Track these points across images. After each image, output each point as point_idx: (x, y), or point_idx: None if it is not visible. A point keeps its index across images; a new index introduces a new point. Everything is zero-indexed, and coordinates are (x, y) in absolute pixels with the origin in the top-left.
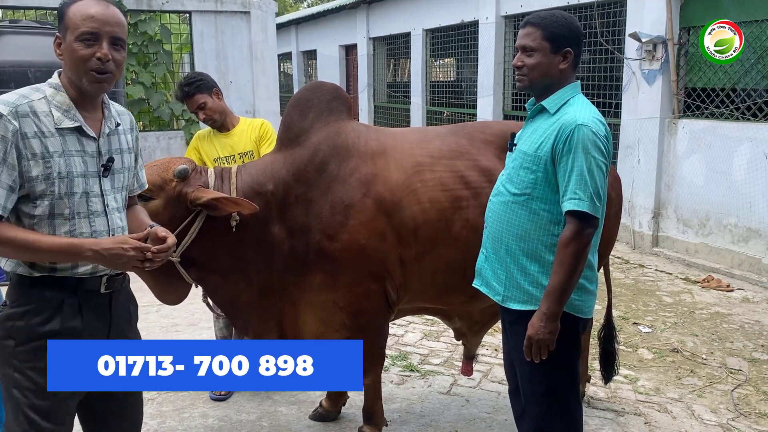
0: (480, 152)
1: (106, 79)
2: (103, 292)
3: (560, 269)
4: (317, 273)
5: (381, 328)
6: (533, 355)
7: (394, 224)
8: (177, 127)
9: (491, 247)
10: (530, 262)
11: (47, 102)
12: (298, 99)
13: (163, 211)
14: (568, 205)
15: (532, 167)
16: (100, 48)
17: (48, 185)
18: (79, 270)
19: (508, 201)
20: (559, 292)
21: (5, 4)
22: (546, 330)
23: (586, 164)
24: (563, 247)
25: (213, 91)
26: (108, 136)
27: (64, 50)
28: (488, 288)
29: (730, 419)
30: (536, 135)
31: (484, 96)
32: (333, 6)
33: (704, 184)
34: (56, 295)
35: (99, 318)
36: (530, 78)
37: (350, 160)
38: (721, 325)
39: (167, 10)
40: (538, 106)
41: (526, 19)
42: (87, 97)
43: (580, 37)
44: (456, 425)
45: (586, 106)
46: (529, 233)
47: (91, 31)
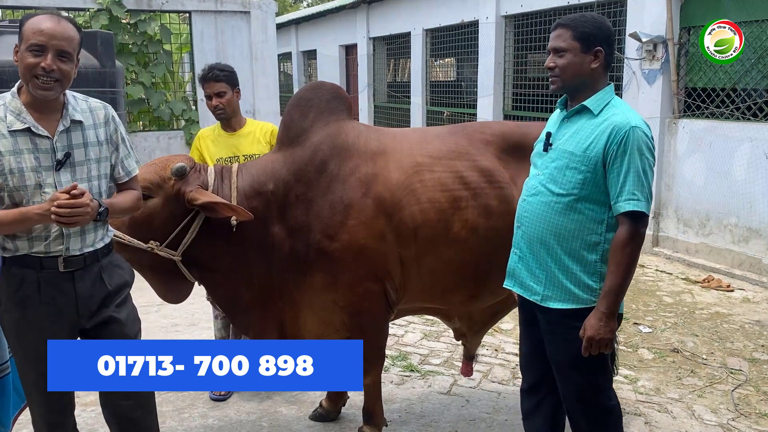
0: (479, 153)
1: (50, 86)
2: (62, 270)
3: (617, 269)
4: (317, 273)
5: (381, 328)
6: (592, 352)
7: (393, 224)
8: (177, 127)
9: (527, 248)
10: (573, 261)
11: (4, 108)
12: (298, 99)
13: (161, 210)
14: (627, 206)
15: (580, 167)
16: (44, 59)
17: (3, 180)
18: (33, 250)
19: (551, 201)
20: (617, 292)
21: (5, 4)
22: (607, 329)
23: (642, 165)
24: (621, 247)
25: (236, 89)
26: (65, 133)
27: (18, 58)
28: (523, 288)
29: (730, 419)
30: (581, 135)
31: (484, 96)
32: (333, 6)
33: (704, 184)
34: (19, 271)
35: (61, 293)
36: (562, 79)
37: (350, 160)
38: (721, 325)
39: (167, 10)
40: (579, 106)
41: (556, 22)
42: (39, 101)
43: (612, 37)
44: (456, 425)
45: (630, 108)
46: (573, 233)
47: (39, 43)
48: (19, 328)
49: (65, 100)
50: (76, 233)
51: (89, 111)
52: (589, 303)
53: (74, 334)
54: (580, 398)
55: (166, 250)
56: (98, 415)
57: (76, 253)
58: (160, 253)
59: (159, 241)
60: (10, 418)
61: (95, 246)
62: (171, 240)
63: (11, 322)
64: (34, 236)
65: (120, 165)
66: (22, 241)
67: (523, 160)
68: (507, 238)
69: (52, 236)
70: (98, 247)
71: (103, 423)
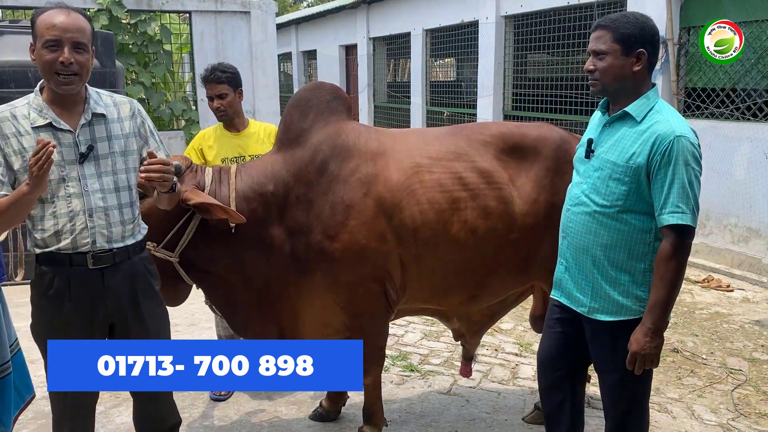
0: (478, 154)
1: (71, 80)
2: (91, 267)
3: (662, 284)
4: (317, 273)
5: (381, 328)
6: (636, 369)
7: (393, 225)
8: (177, 127)
9: (572, 259)
10: (620, 272)
11: (28, 106)
12: (297, 99)
13: (157, 209)
14: (671, 219)
15: (624, 179)
16: (62, 53)
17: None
18: (61, 245)
19: (595, 212)
20: (664, 306)
21: (5, 4)
22: (652, 345)
23: (687, 176)
24: (666, 261)
25: (238, 90)
26: (87, 127)
27: (35, 57)
28: (570, 299)
29: (730, 419)
30: (624, 144)
31: (484, 96)
32: (333, 6)
33: (704, 184)
34: (50, 269)
35: (91, 291)
36: (602, 82)
37: (351, 161)
38: (721, 325)
39: (167, 10)
40: (621, 112)
41: (596, 23)
42: (62, 96)
43: (656, 37)
44: (456, 425)
45: (676, 114)
46: (619, 244)
47: (54, 38)
48: (49, 327)
49: (87, 95)
50: (102, 226)
51: (113, 105)
52: (638, 314)
53: (104, 332)
54: (617, 404)
55: (163, 251)
56: (99, 414)
57: (104, 248)
58: (157, 254)
59: (156, 241)
60: (11, 418)
61: (125, 242)
62: (168, 241)
63: (42, 320)
64: (60, 230)
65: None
66: (49, 235)
67: (521, 161)
68: (506, 238)
69: (77, 230)
70: (128, 243)
71: (103, 424)
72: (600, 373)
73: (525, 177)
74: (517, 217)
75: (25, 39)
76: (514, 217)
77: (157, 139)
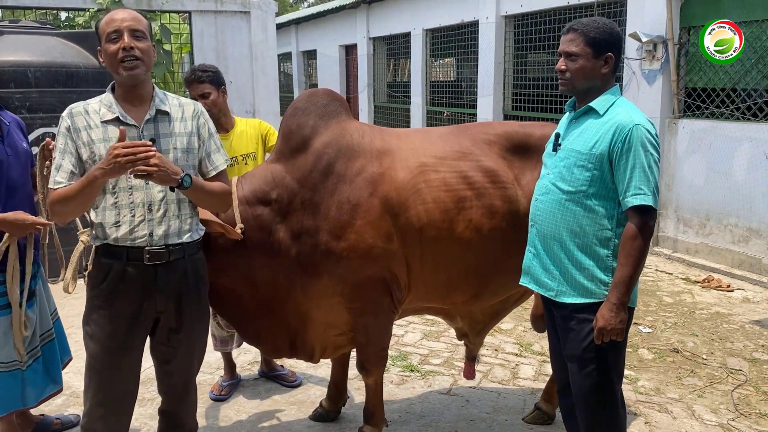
0: (483, 153)
1: (135, 65)
2: (147, 263)
3: (627, 261)
4: (324, 274)
5: (386, 328)
6: (604, 340)
7: (399, 224)
8: None
9: (541, 245)
10: (585, 256)
11: (99, 102)
12: (294, 109)
13: None
14: (634, 201)
15: (587, 165)
16: (122, 41)
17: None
18: (120, 235)
19: (561, 199)
20: (627, 283)
21: (5, 4)
22: (617, 319)
23: (646, 161)
24: (630, 240)
25: (221, 88)
26: (151, 122)
27: (103, 56)
28: (538, 285)
29: (730, 419)
30: (588, 134)
31: (484, 96)
32: (333, 6)
33: (704, 184)
34: (107, 262)
35: (143, 288)
36: (573, 82)
37: (357, 160)
38: (721, 325)
39: (167, 9)
40: (585, 107)
41: (568, 26)
42: (130, 92)
43: (620, 42)
44: (456, 425)
45: (634, 108)
46: (584, 229)
47: (114, 30)
48: (97, 318)
49: (153, 93)
50: (159, 218)
51: (179, 105)
52: (602, 297)
53: (147, 327)
54: (588, 392)
55: None
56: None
57: (160, 244)
58: None
59: None
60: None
61: (181, 238)
62: None
63: (92, 311)
64: (120, 221)
65: (207, 159)
66: (109, 226)
67: (526, 160)
68: (510, 237)
69: (136, 221)
70: (184, 240)
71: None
72: (569, 359)
73: (530, 176)
74: (522, 216)
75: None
76: (519, 216)
77: (217, 142)
